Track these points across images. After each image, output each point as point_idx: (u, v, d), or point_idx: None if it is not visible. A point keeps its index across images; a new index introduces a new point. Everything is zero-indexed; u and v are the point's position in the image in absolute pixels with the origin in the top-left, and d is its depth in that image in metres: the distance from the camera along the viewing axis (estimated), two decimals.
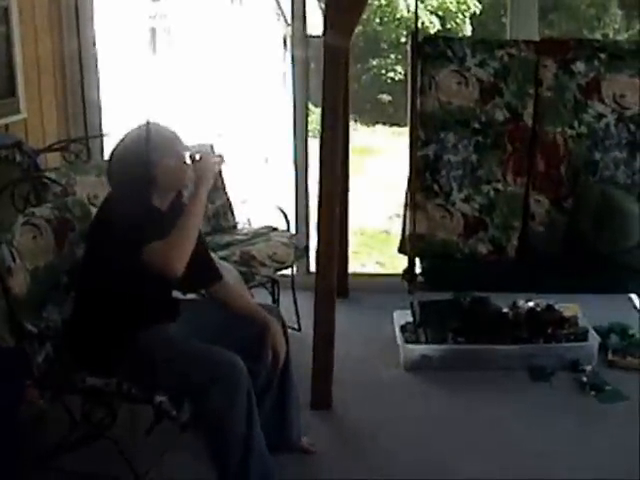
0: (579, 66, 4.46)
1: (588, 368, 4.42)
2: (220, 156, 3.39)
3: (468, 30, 13.69)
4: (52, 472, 3.39)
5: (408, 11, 12.99)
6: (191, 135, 5.38)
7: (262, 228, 5.06)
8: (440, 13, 13.63)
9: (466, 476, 3.56)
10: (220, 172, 5.07)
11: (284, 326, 3.56)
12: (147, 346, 3.12)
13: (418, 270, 4.77)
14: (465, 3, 13.87)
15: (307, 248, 5.29)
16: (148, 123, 3.23)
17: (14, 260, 3.16)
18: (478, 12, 13.63)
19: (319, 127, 3.99)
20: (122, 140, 3.33)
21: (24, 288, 3.20)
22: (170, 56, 6.67)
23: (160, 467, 3.45)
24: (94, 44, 5.44)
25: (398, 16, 13.37)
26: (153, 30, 6.25)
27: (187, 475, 3.52)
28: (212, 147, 5.10)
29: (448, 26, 13.65)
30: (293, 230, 5.35)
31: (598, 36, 10.84)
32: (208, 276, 3.48)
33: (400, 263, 4.81)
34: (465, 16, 13.86)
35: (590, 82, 4.47)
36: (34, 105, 4.96)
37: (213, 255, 3.76)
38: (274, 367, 3.38)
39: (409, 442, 3.84)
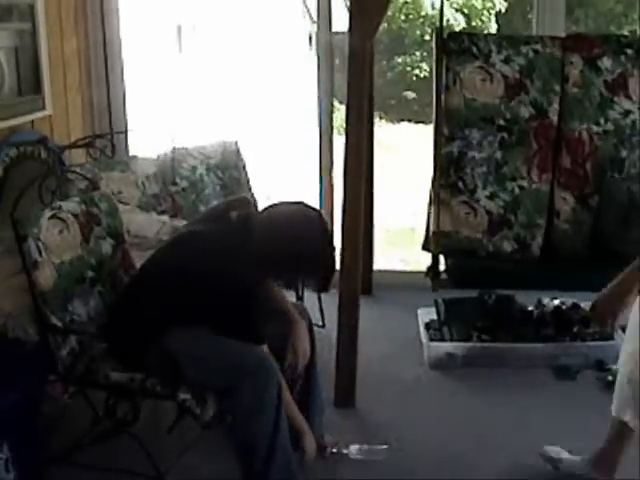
0: (605, 62, 4.43)
1: (613, 367, 4.38)
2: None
3: (493, 28, 13.62)
4: (74, 467, 3.40)
5: (433, 8, 12.93)
6: (216, 132, 5.41)
7: None
8: (465, 11, 13.57)
9: (491, 474, 3.55)
10: (244, 167, 5.08)
11: (310, 324, 3.56)
12: (176, 342, 3.12)
13: (442, 267, 4.76)
14: (490, 0, 13.80)
15: None
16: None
17: (40, 254, 3.17)
18: (504, 10, 13.55)
19: (344, 124, 3.99)
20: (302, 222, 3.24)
21: (50, 282, 3.21)
22: (195, 52, 6.67)
23: (182, 464, 3.46)
24: (119, 40, 5.45)
25: (423, 13, 13.32)
26: (179, 26, 6.26)
27: (208, 472, 3.53)
28: (237, 143, 5.11)
29: (473, 24, 13.58)
30: None
31: (625, 32, 10.75)
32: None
33: (424, 260, 4.79)
34: (490, 14, 13.79)
35: (617, 78, 4.45)
36: (59, 102, 4.97)
37: None
38: (293, 369, 3.38)
39: (433, 440, 3.83)
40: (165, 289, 3.16)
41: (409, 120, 12.34)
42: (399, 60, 13.06)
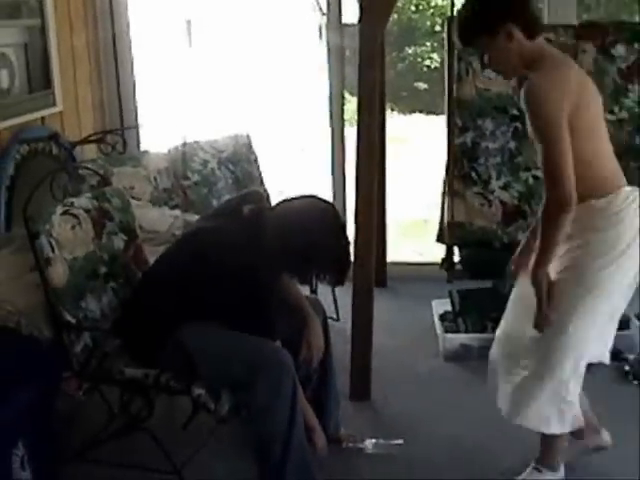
0: (619, 50, 4.40)
1: (630, 357, 4.36)
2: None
3: None
4: (90, 463, 3.39)
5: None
6: (227, 125, 5.40)
7: None
8: None
9: (507, 466, 3.53)
10: (256, 160, 5.07)
11: (325, 318, 3.56)
12: (190, 338, 3.11)
13: (457, 259, 4.74)
14: None
15: None
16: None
17: (53, 250, 3.16)
18: None
19: (355, 116, 3.97)
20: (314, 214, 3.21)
21: (63, 278, 3.20)
22: (205, 46, 6.67)
23: (197, 459, 3.45)
24: (129, 35, 5.45)
25: (433, 4, 13.29)
26: (188, 20, 6.26)
27: (224, 467, 3.52)
28: (248, 137, 5.10)
29: None
30: None
31: (638, 20, 10.69)
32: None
33: (439, 252, 4.77)
34: None
35: (630, 66, 4.41)
36: (70, 97, 4.97)
37: None
38: (307, 365, 3.37)
39: (449, 432, 3.82)
40: (178, 284, 3.15)
41: (420, 111, 12.32)
42: (410, 51, 13.04)
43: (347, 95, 6.04)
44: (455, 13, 4.50)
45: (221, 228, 3.23)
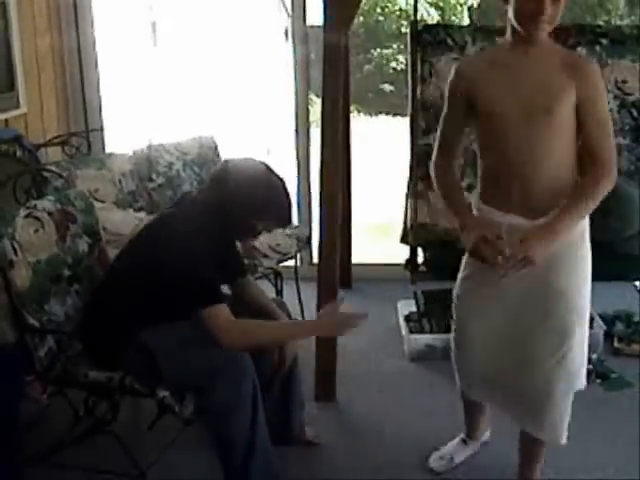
0: (580, 52, 4.43)
1: (593, 356, 4.40)
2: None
3: (466, 22, 13.64)
4: (54, 468, 3.38)
5: (407, 3, 12.93)
6: (192, 127, 5.39)
7: None
8: (440, 4, 13.59)
9: (470, 466, 3.57)
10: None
11: (290, 319, 3.55)
12: (151, 340, 3.09)
13: (421, 260, 4.75)
14: None
15: (309, 239, 5.27)
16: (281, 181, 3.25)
17: (16, 253, 3.14)
18: (476, 5, 13.58)
19: (320, 117, 3.97)
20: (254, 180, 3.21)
21: (26, 282, 3.18)
22: (170, 49, 6.65)
23: (163, 461, 3.44)
24: (93, 37, 5.42)
25: (399, 6, 13.33)
26: (153, 22, 6.24)
27: (190, 469, 3.52)
28: (213, 139, 5.10)
29: (447, 17, 13.60)
30: (296, 221, 5.33)
31: (600, 22, 10.78)
32: (236, 271, 3.49)
33: (403, 253, 4.79)
34: (463, 8, 13.81)
35: None
36: (34, 99, 4.95)
37: None
38: (279, 367, 3.36)
39: (414, 432, 3.84)
40: (133, 285, 3.15)
41: (387, 113, 12.37)
42: (375, 53, 13.09)
43: (313, 97, 6.05)
44: (419, 17, 4.53)
45: (165, 221, 3.25)
